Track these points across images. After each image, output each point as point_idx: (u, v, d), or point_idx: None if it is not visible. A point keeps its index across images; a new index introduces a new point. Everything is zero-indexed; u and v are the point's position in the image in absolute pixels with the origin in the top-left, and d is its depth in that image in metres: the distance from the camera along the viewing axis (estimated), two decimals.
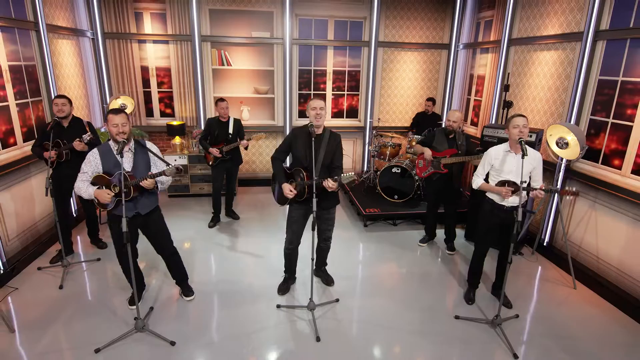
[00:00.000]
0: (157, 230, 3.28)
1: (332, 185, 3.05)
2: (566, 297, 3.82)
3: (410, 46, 6.60)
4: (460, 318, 3.39)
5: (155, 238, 3.31)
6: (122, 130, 2.92)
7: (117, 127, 2.91)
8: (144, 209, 3.13)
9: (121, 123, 2.91)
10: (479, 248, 3.56)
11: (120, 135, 2.92)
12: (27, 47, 4.35)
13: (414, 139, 5.91)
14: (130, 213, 3.08)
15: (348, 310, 3.50)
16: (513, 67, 5.22)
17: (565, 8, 4.34)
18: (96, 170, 3.00)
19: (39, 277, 3.86)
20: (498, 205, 3.31)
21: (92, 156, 3.00)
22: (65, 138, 3.84)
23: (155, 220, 3.24)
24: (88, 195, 2.95)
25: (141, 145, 3.08)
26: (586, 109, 4.09)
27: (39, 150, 3.87)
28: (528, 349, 3.07)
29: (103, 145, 3.05)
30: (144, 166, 3.04)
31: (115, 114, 2.93)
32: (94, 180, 2.99)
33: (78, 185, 2.97)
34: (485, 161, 3.37)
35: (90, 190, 2.94)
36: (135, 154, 3.05)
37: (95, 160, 2.99)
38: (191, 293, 3.58)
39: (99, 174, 2.99)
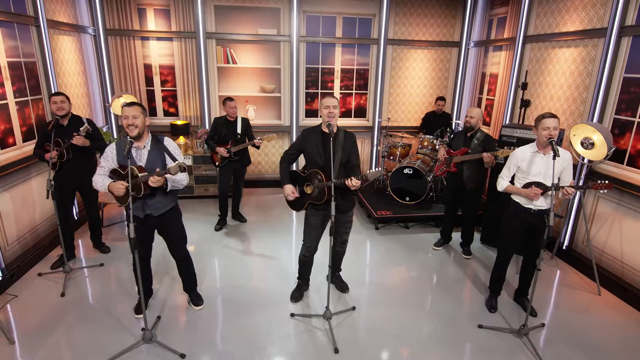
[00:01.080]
0: (172, 230, 3.12)
1: (356, 184, 2.88)
2: (591, 304, 3.66)
3: (420, 44, 6.44)
4: (484, 327, 3.23)
5: (170, 239, 3.15)
6: (133, 122, 2.77)
7: (128, 120, 2.77)
8: (157, 210, 2.97)
9: (132, 115, 2.77)
10: (503, 253, 3.39)
11: (131, 128, 2.77)
12: (27, 43, 4.17)
13: (427, 139, 5.74)
14: (142, 214, 2.92)
15: (365, 318, 3.34)
16: (529, 65, 5.06)
17: (586, 3, 4.19)
18: (112, 165, 2.91)
19: (39, 284, 3.69)
20: (524, 208, 3.15)
21: (109, 150, 2.93)
22: (65, 137, 3.66)
23: (172, 221, 3.08)
24: (104, 188, 2.86)
25: (158, 141, 2.91)
26: (610, 107, 3.93)
27: (40, 152, 3.70)
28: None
29: (121, 141, 2.91)
30: (159, 164, 2.87)
31: (128, 106, 2.79)
32: (110, 174, 2.90)
33: (95, 178, 2.90)
34: (511, 163, 3.20)
35: (105, 183, 2.85)
36: (150, 150, 2.89)
37: (111, 155, 2.92)
38: (201, 302, 3.41)
39: (114, 168, 2.89)
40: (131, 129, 2.78)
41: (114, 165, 2.91)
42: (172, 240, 3.17)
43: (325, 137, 3.15)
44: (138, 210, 2.91)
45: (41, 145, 3.73)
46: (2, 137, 3.79)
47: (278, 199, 6.19)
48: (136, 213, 2.91)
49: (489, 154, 3.75)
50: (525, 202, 3.14)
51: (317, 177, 3.15)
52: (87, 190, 4.00)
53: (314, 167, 3.19)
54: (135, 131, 2.79)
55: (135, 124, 2.78)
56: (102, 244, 4.31)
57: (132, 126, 2.78)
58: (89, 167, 3.96)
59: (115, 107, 5.47)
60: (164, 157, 2.93)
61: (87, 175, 3.95)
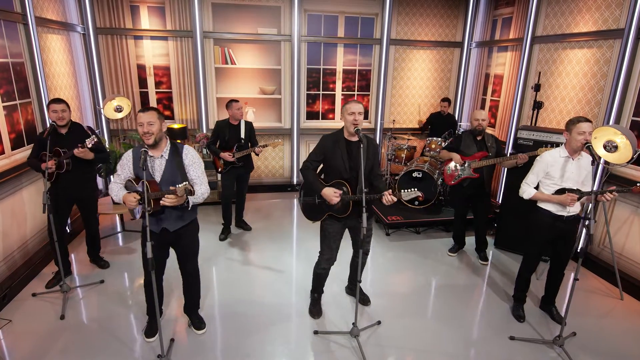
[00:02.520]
0: (187, 244, 2.87)
1: (393, 200, 2.72)
2: (615, 309, 3.60)
3: (422, 44, 6.33)
4: (517, 339, 3.11)
5: (184, 253, 2.90)
6: (148, 129, 2.52)
7: (143, 127, 2.53)
8: (173, 225, 2.72)
9: (147, 122, 2.52)
10: (531, 263, 3.27)
11: (147, 136, 2.53)
12: (15, 42, 3.83)
13: (434, 141, 5.63)
14: (157, 228, 2.67)
15: (392, 333, 3.17)
16: (538, 66, 5.00)
17: (600, 4, 4.14)
18: (128, 174, 2.69)
19: (34, 305, 3.37)
20: (556, 215, 3.04)
21: (125, 158, 2.70)
22: (65, 146, 3.37)
23: (188, 235, 2.83)
24: (118, 199, 2.65)
25: (177, 151, 2.66)
26: (628, 109, 3.89)
27: (35, 161, 3.38)
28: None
29: (138, 148, 2.66)
30: (177, 177, 2.62)
31: (144, 112, 2.55)
32: (126, 184, 2.71)
33: (111, 187, 2.74)
34: (539, 168, 3.08)
35: (120, 194, 2.64)
36: (168, 160, 2.64)
37: (128, 163, 2.69)
38: (203, 325, 3.11)
39: (129, 179, 2.68)
40: (147, 136, 2.54)
41: (130, 174, 2.68)
42: (186, 255, 2.92)
43: (351, 146, 2.97)
44: (153, 225, 2.66)
45: (37, 154, 3.42)
46: None
47: (277, 204, 5.98)
48: (151, 228, 2.66)
49: (525, 156, 3.65)
50: (557, 210, 3.03)
51: (342, 189, 2.95)
52: (87, 203, 3.71)
53: (337, 177, 2.99)
54: (152, 139, 2.55)
55: (151, 131, 2.53)
56: (100, 258, 4.00)
57: (147, 134, 2.53)
58: (89, 178, 3.67)
59: (107, 111, 5.14)
60: (183, 169, 2.69)
61: (86, 187, 3.68)
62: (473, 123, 3.96)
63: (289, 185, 6.55)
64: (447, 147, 4.27)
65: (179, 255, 2.93)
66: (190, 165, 2.71)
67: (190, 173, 2.71)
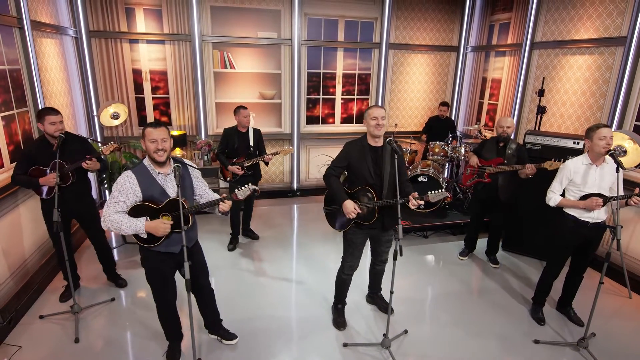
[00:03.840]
0: (198, 261, 2.76)
1: (419, 204, 2.72)
2: (625, 308, 3.72)
3: (420, 48, 6.38)
4: (541, 342, 3.16)
5: (196, 267, 2.75)
6: (162, 147, 2.41)
7: (156, 143, 2.39)
8: (192, 241, 2.66)
9: (161, 138, 2.40)
10: (555, 268, 3.33)
11: (160, 153, 2.40)
12: (11, 48, 3.59)
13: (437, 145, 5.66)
14: (177, 248, 2.56)
15: (419, 342, 3.16)
16: (537, 71, 5.13)
17: (601, 12, 4.28)
18: (134, 199, 2.43)
19: (43, 329, 3.17)
20: (581, 222, 3.10)
21: (127, 182, 2.40)
22: (62, 156, 3.13)
23: (198, 248, 2.77)
24: (133, 230, 2.37)
25: (182, 164, 2.57)
26: (630, 114, 4.03)
27: (26, 178, 3.14)
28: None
29: (139, 168, 2.47)
30: (188, 191, 2.57)
31: (154, 127, 2.41)
32: (132, 212, 2.43)
33: (113, 218, 2.35)
34: (562, 176, 3.15)
35: (138, 225, 2.37)
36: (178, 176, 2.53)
37: (132, 186, 2.41)
38: (233, 335, 3.04)
39: (140, 203, 2.44)
40: (160, 153, 2.41)
41: (136, 199, 2.43)
42: (198, 270, 2.78)
43: (374, 151, 2.94)
44: (174, 245, 2.55)
45: (25, 169, 3.15)
46: None
47: (279, 211, 5.90)
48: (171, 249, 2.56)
49: (532, 166, 3.69)
50: (581, 215, 3.10)
51: (367, 195, 2.93)
52: (88, 217, 3.52)
53: (362, 183, 2.96)
54: (164, 156, 2.44)
55: (164, 148, 2.42)
56: (117, 276, 3.80)
57: (161, 151, 2.41)
58: (87, 191, 3.48)
59: (103, 118, 4.93)
60: (192, 182, 2.63)
61: (85, 201, 3.49)
62: (498, 130, 4.00)
63: (289, 191, 6.46)
64: (474, 150, 4.33)
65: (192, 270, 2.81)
66: (197, 177, 2.70)
67: (200, 185, 2.69)
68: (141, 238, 2.46)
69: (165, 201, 2.46)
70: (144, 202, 2.44)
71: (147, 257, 2.57)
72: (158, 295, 2.69)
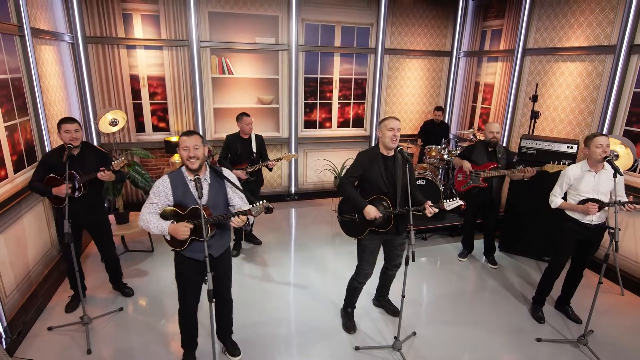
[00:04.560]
0: (224, 272, 2.80)
1: (435, 212, 2.81)
2: (619, 304, 3.90)
3: (414, 53, 6.51)
4: (543, 340, 3.30)
5: (219, 278, 2.79)
6: (194, 154, 2.45)
7: (188, 151, 2.44)
8: (218, 250, 2.67)
9: (192, 146, 2.45)
10: (557, 268, 3.47)
11: (192, 160, 2.45)
12: (12, 57, 3.54)
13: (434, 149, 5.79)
14: (201, 255, 2.59)
15: (427, 343, 3.26)
16: (529, 76, 5.30)
17: (592, 21, 4.46)
18: (166, 202, 2.53)
19: (53, 340, 3.15)
20: (582, 223, 3.25)
21: (162, 185, 2.52)
22: (77, 168, 3.15)
23: (225, 260, 2.78)
24: (159, 230, 2.47)
25: (217, 173, 2.60)
26: (620, 120, 4.22)
27: (41, 186, 3.15)
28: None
29: (175, 174, 2.55)
30: (221, 199, 2.59)
31: (188, 135, 2.47)
32: (162, 214, 2.53)
33: (145, 217, 2.50)
34: (563, 181, 3.30)
35: (163, 226, 2.47)
36: (210, 184, 2.57)
37: (165, 190, 2.52)
38: (238, 352, 3.04)
39: (169, 207, 2.53)
40: (192, 161, 2.46)
41: (168, 202, 2.55)
42: (222, 281, 2.83)
43: (387, 161, 3.03)
44: (198, 252, 2.58)
45: (42, 177, 3.18)
46: None
47: (278, 215, 5.92)
48: (194, 256, 2.59)
49: (532, 169, 3.84)
50: (582, 217, 3.24)
51: (383, 203, 3.01)
52: (99, 227, 3.51)
53: (376, 192, 3.04)
54: (197, 163, 2.48)
55: (196, 156, 2.46)
56: (124, 285, 3.78)
57: (193, 158, 2.46)
58: (100, 202, 3.48)
59: (102, 125, 4.88)
60: (225, 191, 2.64)
61: (97, 211, 3.48)
62: (488, 135, 4.14)
63: (287, 194, 6.50)
64: (460, 154, 4.44)
65: (215, 281, 2.83)
66: (232, 187, 2.67)
67: (235, 196, 2.67)
68: (169, 240, 2.55)
69: (189, 208, 2.49)
70: (174, 206, 2.52)
71: (176, 259, 2.67)
72: (180, 297, 2.73)
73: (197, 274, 2.69)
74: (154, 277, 4.12)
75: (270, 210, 2.41)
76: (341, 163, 6.58)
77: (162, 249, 4.69)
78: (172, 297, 3.77)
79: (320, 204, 6.43)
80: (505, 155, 4.25)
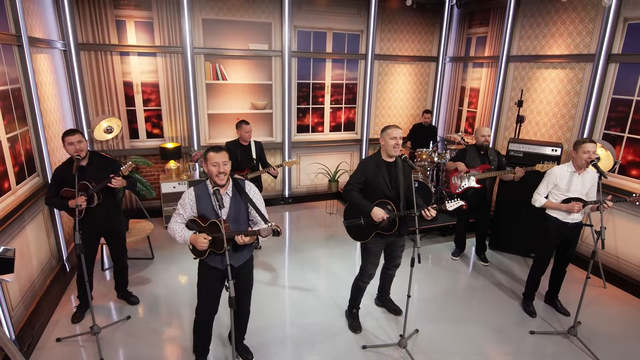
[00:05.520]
0: (245, 282, 2.87)
1: (433, 214, 2.97)
2: (602, 296, 4.18)
3: (403, 59, 6.70)
4: (536, 333, 3.52)
5: (240, 288, 2.85)
6: (223, 170, 2.54)
7: (218, 167, 2.53)
8: (237, 261, 2.74)
9: (222, 162, 2.54)
10: (543, 264, 3.71)
11: (221, 176, 2.53)
12: (11, 67, 3.51)
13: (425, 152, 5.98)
14: (222, 265, 2.67)
15: (430, 340, 3.42)
16: (514, 82, 5.57)
17: (572, 31, 4.74)
18: (191, 214, 2.64)
19: (63, 351, 3.15)
20: (562, 222, 3.49)
21: (188, 197, 2.64)
22: (89, 178, 3.18)
23: (246, 271, 2.85)
24: (183, 240, 2.61)
25: (240, 188, 2.67)
26: (600, 123, 4.51)
27: (58, 201, 3.18)
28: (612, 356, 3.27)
29: (200, 186, 2.65)
30: (241, 214, 2.66)
31: (216, 152, 2.55)
32: (188, 224, 2.65)
33: (173, 226, 2.67)
34: (548, 180, 3.52)
35: (185, 236, 2.59)
36: (232, 198, 2.65)
37: (190, 202, 2.63)
38: (250, 356, 3.13)
39: (193, 218, 2.62)
40: (221, 177, 2.53)
41: (192, 214, 2.64)
42: (242, 292, 2.87)
43: (389, 167, 3.17)
44: (219, 262, 2.66)
45: (56, 192, 3.19)
46: None
47: (275, 218, 6.01)
48: (216, 265, 2.68)
49: (522, 169, 4.07)
50: (564, 217, 3.49)
51: (387, 207, 3.15)
52: (115, 235, 3.53)
53: (379, 197, 3.19)
54: (225, 179, 2.57)
55: (225, 171, 2.55)
56: (129, 293, 3.80)
57: (222, 174, 2.53)
58: (117, 209, 3.50)
59: (97, 133, 4.86)
60: (247, 206, 2.71)
61: (115, 219, 3.51)
62: (479, 139, 4.35)
63: (281, 198, 6.59)
64: (453, 158, 4.64)
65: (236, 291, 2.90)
66: (257, 203, 2.71)
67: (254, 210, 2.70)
68: (192, 249, 2.66)
69: (209, 221, 2.56)
70: (197, 218, 2.61)
71: (199, 266, 2.76)
72: (199, 304, 2.79)
73: (219, 280, 2.75)
74: (157, 285, 4.15)
75: (278, 233, 2.44)
76: (333, 166, 6.72)
77: (162, 256, 4.71)
78: (177, 303, 3.82)
79: (314, 207, 6.55)
80: (497, 158, 4.48)
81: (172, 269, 4.46)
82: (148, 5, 5.19)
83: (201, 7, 5.44)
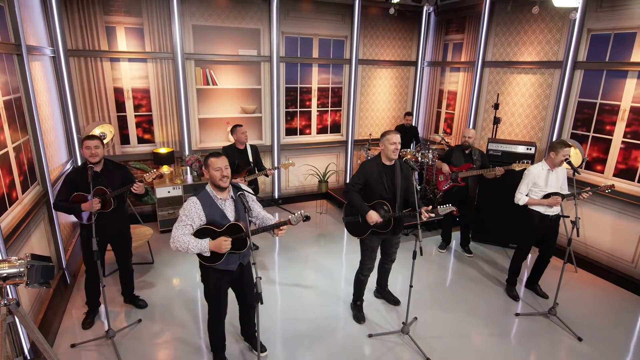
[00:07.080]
0: (249, 279, 3.03)
1: (429, 217, 3.26)
2: (574, 280, 4.64)
3: (384, 64, 7.02)
4: (520, 315, 3.90)
5: (245, 288, 3.04)
6: (226, 174, 2.67)
7: (220, 171, 2.65)
8: (245, 259, 2.93)
9: (224, 166, 2.67)
10: (524, 253, 4.11)
11: (224, 180, 2.67)
12: (12, 76, 3.50)
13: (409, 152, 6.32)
14: (234, 266, 2.83)
15: (427, 326, 3.72)
16: (489, 86, 6.00)
17: (541, 40, 5.20)
18: (199, 222, 2.68)
19: (79, 357, 3.20)
20: (543, 215, 3.89)
21: (193, 207, 2.65)
22: (103, 184, 3.25)
23: (249, 268, 3.02)
24: (199, 249, 2.61)
25: (237, 189, 2.83)
26: (567, 124, 4.99)
27: (69, 205, 3.21)
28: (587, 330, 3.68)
29: (202, 193, 2.73)
30: (243, 214, 2.81)
31: (217, 157, 2.68)
32: (197, 234, 2.67)
33: (182, 239, 2.59)
34: (528, 180, 3.90)
35: (203, 244, 2.60)
36: (235, 200, 2.80)
37: (197, 210, 2.66)
38: (264, 348, 3.32)
39: (205, 226, 2.69)
40: (224, 180, 2.67)
41: (201, 222, 2.68)
42: (249, 289, 3.05)
43: (388, 169, 3.43)
44: (233, 263, 2.82)
45: (67, 196, 3.24)
46: (7, 191, 3.16)
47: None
48: (230, 267, 2.83)
49: (501, 169, 4.45)
50: (544, 210, 3.88)
51: (384, 207, 3.42)
52: (123, 241, 3.60)
53: (377, 198, 3.44)
54: (227, 182, 2.70)
55: (227, 175, 2.69)
56: (136, 297, 3.86)
57: (225, 177, 2.67)
58: (125, 214, 3.57)
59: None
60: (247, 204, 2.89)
61: (123, 225, 3.58)
62: (462, 139, 4.71)
63: (271, 199, 6.74)
64: (440, 158, 4.99)
65: (240, 293, 3.08)
66: (253, 201, 2.94)
67: (256, 207, 2.94)
68: (204, 257, 2.71)
69: (226, 225, 2.71)
70: (207, 225, 2.68)
71: (207, 275, 2.83)
72: (214, 310, 2.93)
73: (227, 283, 2.92)
74: (161, 288, 4.23)
75: (308, 218, 2.69)
76: (321, 167, 6.95)
77: (163, 261, 4.78)
78: (184, 305, 3.93)
79: (304, 207, 6.75)
80: (480, 158, 4.84)
81: (173, 272, 4.54)
82: (138, 12, 5.21)
83: (191, 13, 5.51)
